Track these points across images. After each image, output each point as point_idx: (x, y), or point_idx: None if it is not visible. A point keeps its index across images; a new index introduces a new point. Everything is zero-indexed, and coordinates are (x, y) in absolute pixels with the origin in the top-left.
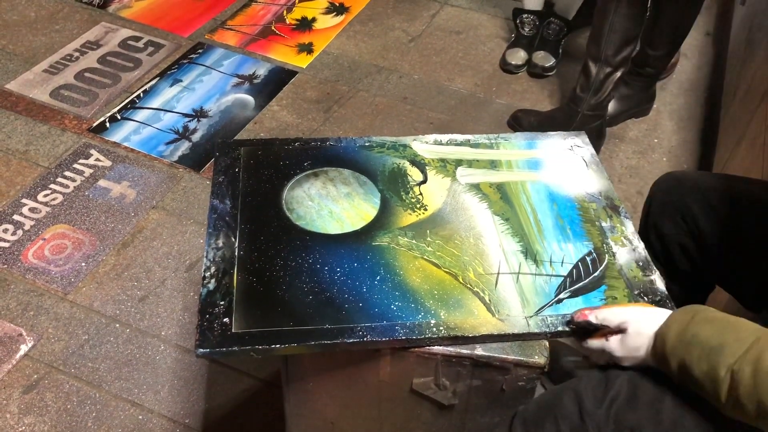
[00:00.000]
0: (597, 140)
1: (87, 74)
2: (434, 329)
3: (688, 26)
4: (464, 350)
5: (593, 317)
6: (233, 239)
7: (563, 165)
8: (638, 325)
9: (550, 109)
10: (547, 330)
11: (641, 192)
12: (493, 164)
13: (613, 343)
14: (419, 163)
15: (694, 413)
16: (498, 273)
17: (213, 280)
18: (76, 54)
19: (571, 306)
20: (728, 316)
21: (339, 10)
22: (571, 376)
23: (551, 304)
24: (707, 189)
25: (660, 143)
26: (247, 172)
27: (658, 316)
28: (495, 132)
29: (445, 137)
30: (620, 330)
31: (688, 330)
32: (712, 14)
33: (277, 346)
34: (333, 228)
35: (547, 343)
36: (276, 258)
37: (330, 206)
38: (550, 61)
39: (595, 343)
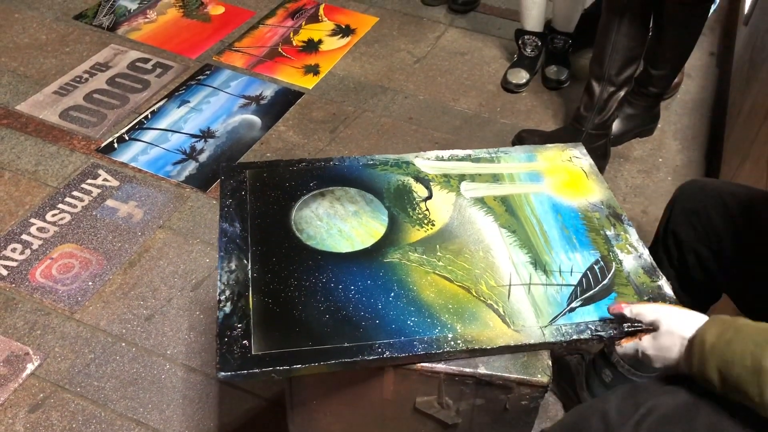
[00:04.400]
0: (601, 160)
1: (96, 95)
2: (452, 343)
3: (690, 46)
4: (467, 368)
5: (628, 311)
6: (245, 261)
7: (563, 176)
8: (670, 324)
9: (554, 129)
10: (563, 339)
11: (646, 211)
12: (495, 178)
13: (645, 342)
14: (423, 180)
15: None
16: (510, 285)
17: (229, 303)
18: (86, 76)
19: (584, 314)
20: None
21: (345, 32)
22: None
23: (564, 313)
24: (728, 197)
25: (665, 162)
26: (253, 195)
27: (692, 318)
28: None
29: (446, 153)
30: (653, 328)
31: (730, 328)
32: (716, 34)
33: (299, 366)
34: (343, 246)
35: (549, 362)
36: (290, 278)
37: (339, 225)
38: (563, 74)
39: (629, 345)
